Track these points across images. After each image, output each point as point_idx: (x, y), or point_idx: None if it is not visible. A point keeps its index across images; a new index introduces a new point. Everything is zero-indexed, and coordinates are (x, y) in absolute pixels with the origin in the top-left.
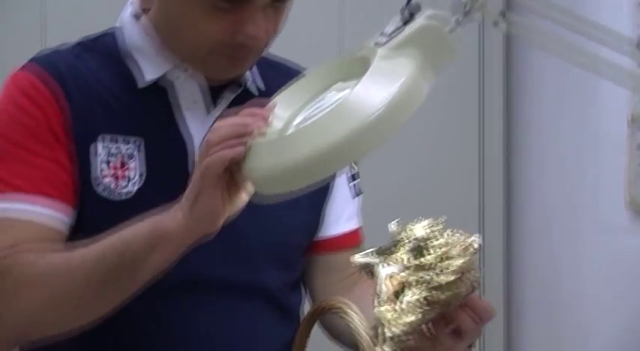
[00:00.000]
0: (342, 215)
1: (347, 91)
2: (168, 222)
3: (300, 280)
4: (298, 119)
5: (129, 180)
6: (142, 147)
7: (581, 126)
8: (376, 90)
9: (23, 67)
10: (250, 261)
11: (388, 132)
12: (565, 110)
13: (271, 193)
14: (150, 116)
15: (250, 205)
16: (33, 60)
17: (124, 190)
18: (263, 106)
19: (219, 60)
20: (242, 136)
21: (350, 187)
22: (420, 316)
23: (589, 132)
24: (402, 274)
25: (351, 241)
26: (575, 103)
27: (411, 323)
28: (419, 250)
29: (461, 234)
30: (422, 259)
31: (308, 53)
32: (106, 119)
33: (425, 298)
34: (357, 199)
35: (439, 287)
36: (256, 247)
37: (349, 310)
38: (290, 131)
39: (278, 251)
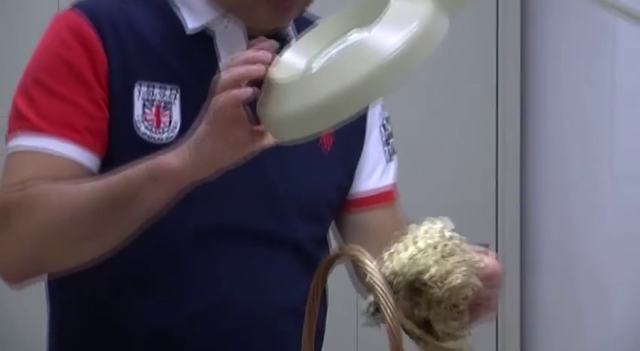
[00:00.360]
0: (374, 173)
1: (366, 33)
2: (172, 157)
3: (328, 235)
4: (318, 62)
5: (167, 126)
6: (179, 95)
7: (598, 76)
8: (395, 29)
9: (66, 11)
10: (277, 212)
11: (407, 70)
12: (582, 61)
13: (291, 137)
14: (192, 64)
15: (281, 158)
16: (76, 5)
17: (164, 136)
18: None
19: (265, 9)
20: (252, 74)
21: (385, 151)
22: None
23: (606, 82)
24: None
25: (384, 198)
26: (592, 53)
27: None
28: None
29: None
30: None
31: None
32: (145, 66)
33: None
34: (392, 160)
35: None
36: (284, 199)
37: (364, 258)
38: (310, 72)
39: (306, 205)
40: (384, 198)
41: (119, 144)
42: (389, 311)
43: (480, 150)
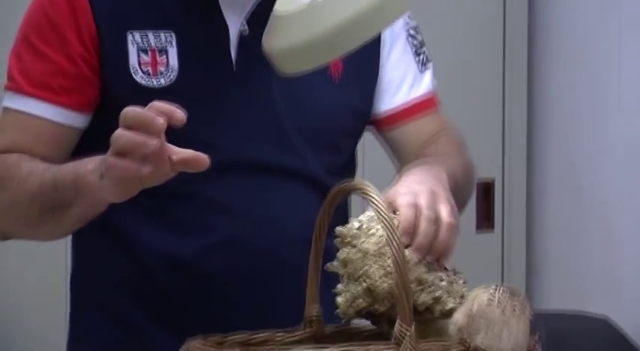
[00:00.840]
0: (400, 88)
1: None
2: (89, 177)
3: (350, 164)
4: None
5: (164, 71)
6: (175, 40)
7: (605, 6)
8: None
9: None
10: (287, 145)
11: None
12: None
13: (299, 69)
14: (186, 5)
15: (289, 90)
16: None
17: (162, 80)
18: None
19: None
20: (146, 152)
21: (416, 61)
22: None
23: (613, 13)
24: None
25: (416, 110)
26: None
27: None
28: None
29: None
30: None
31: None
32: (137, 13)
33: None
34: (427, 69)
35: None
36: (293, 130)
37: (370, 190)
38: (316, 2)
39: (317, 135)
40: (415, 110)
41: (118, 92)
42: (395, 243)
43: (487, 81)
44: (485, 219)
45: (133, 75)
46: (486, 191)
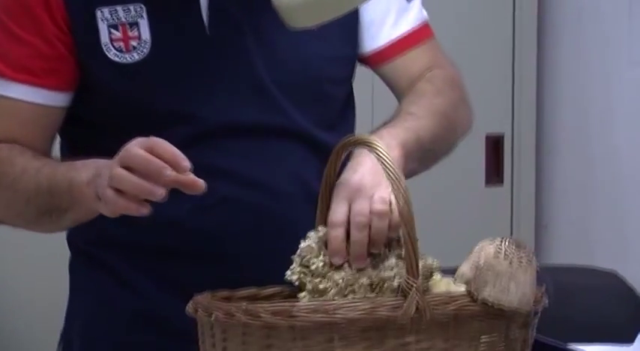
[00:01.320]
0: (383, 26)
1: None
2: (85, 189)
3: (344, 115)
4: None
5: (137, 45)
6: (145, 12)
7: None
8: None
9: None
10: (269, 102)
11: None
12: None
13: (306, 24)
14: None
15: (264, 44)
16: None
17: (135, 54)
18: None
19: None
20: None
21: None
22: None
23: None
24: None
25: (406, 43)
26: None
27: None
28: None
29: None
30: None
31: None
32: None
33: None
34: (410, 1)
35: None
36: (273, 86)
37: (377, 145)
38: None
39: (301, 88)
40: (401, 46)
41: (94, 71)
42: (402, 196)
43: (496, 35)
44: (495, 173)
45: (106, 53)
46: (496, 146)
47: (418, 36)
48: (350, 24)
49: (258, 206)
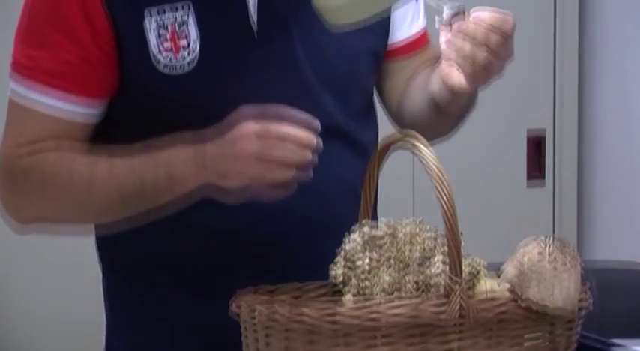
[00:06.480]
0: (404, 19)
1: None
2: (187, 174)
3: (370, 105)
4: None
5: (186, 49)
6: (192, 11)
7: None
8: None
9: None
10: (313, 99)
11: None
12: None
13: (348, 22)
14: None
15: (308, 41)
16: None
17: (186, 61)
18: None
19: None
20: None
21: None
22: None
23: None
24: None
25: (418, 44)
26: None
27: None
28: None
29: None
30: None
31: None
32: None
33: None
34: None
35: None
36: (317, 82)
37: (418, 143)
38: None
39: (342, 82)
40: (413, 46)
41: (141, 77)
42: (444, 196)
43: (538, 34)
44: (537, 171)
45: (156, 65)
46: (537, 143)
47: (426, 37)
48: (384, 19)
49: (312, 214)
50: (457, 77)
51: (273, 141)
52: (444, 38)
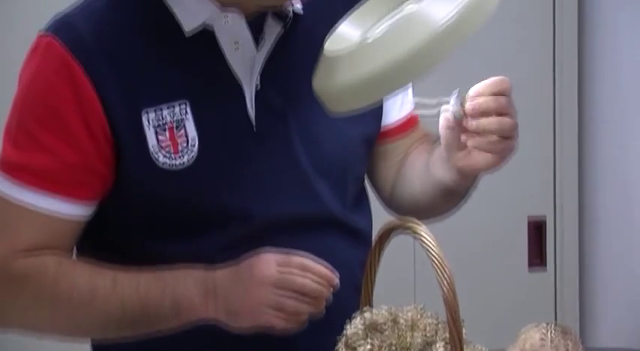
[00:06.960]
0: (395, 102)
1: (420, 4)
2: (197, 304)
3: (363, 190)
4: (372, 33)
5: (185, 146)
6: (189, 108)
7: None
8: (447, 0)
9: (48, 37)
10: (309, 191)
11: (459, 41)
12: None
13: (349, 108)
14: (197, 69)
15: (305, 133)
16: (57, 28)
17: (185, 159)
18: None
19: None
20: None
21: None
22: None
23: None
24: None
25: (409, 123)
26: None
27: None
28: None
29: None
30: None
31: None
32: (147, 87)
33: None
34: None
35: None
36: (313, 173)
37: (420, 230)
38: (365, 43)
39: (338, 172)
40: (405, 126)
41: (139, 177)
42: (446, 282)
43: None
44: (538, 257)
45: (155, 161)
46: (538, 229)
47: (416, 116)
48: (378, 105)
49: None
50: (482, 158)
51: (294, 269)
52: (444, 123)
